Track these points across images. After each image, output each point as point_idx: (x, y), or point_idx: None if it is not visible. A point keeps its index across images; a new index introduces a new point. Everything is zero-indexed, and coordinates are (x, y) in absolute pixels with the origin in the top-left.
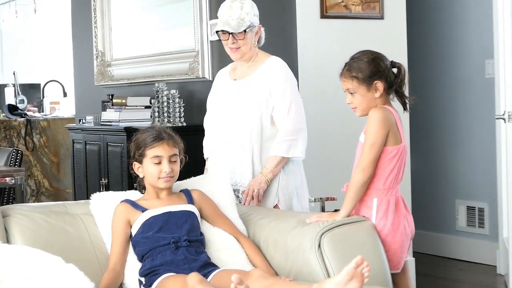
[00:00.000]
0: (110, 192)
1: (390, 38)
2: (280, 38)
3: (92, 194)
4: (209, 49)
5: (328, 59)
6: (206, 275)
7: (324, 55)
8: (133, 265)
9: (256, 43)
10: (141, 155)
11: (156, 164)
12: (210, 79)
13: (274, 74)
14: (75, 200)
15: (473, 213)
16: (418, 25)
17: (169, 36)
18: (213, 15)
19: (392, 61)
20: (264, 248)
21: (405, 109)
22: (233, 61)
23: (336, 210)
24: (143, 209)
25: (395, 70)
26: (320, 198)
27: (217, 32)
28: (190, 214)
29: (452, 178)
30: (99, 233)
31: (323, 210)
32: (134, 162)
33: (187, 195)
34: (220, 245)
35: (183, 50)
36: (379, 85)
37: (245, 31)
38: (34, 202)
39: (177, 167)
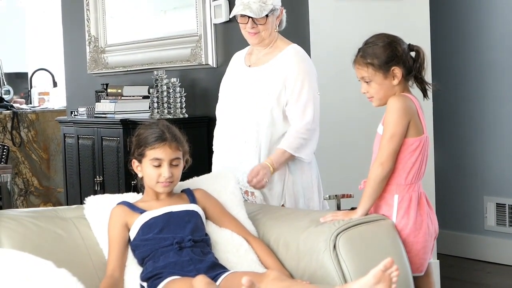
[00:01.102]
0: (106, 195)
1: (412, 19)
2: (289, 21)
3: (86, 198)
4: (212, 33)
5: (343, 44)
6: (214, 278)
7: (339, 39)
8: (133, 270)
9: (277, 27)
10: (141, 155)
11: (155, 167)
12: (214, 66)
13: (291, 66)
14: (67, 199)
15: (503, 210)
16: (442, 4)
17: (169, 19)
18: None
19: (409, 44)
20: (274, 250)
21: (425, 96)
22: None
23: (353, 208)
24: (142, 211)
25: (413, 54)
26: (336, 195)
27: (233, 15)
28: (193, 213)
29: (479, 172)
30: (93, 236)
31: (338, 208)
32: (134, 160)
33: (189, 194)
34: (229, 246)
35: (184, 34)
36: (397, 71)
37: (267, 15)
38: (22, 202)
39: (178, 171)
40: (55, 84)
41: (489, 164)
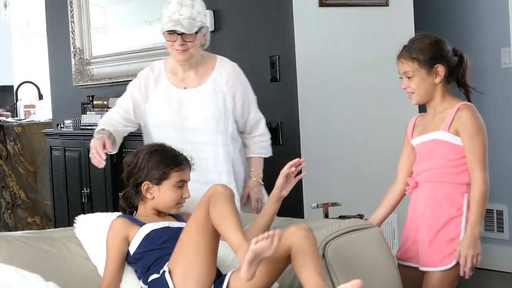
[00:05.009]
0: (96, 214)
1: (396, 27)
2: (274, 29)
3: (76, 217)
4: None
5: (328, 52)
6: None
7: (324, 47)
8: (128, 281)
9: (202, 46)
10: (163, 177)
11: (178, 188)
12: None
13: (235, 83)
14: (54, 212)
15: (491, 216)
16: (426, 11)
17: (154, 30)
18: None
19: (453, 48)
20: None
21: (469, 99)
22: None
23: (341, 217)
24: (142, 223)
25: (456, 58)
26: (323, 204)
27: (162, 32)
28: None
29: None
30: (81, 251)
31: (326, 216)
32: (147, 182)
33: (175, 215)
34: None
35: None
36: (441, 69)
37: (196, 32)
38: (9, 215)
39: None
40: (40, 97)
41: None
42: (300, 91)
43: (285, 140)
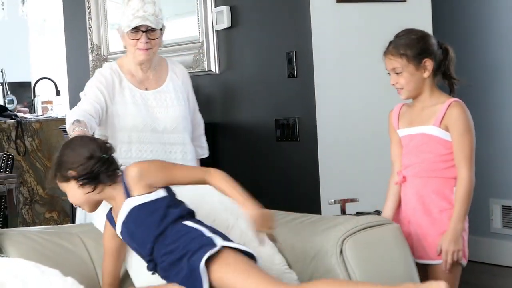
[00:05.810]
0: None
1: (414, 23)
2: (291, 25)
3: None
4: (215, 39)
5: (345, 48)
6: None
7: (341, 43)
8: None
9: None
10: None
11: None
12: (217, 72)
13: (187, 82)
14: (72, 207)
15: (509, 213)
16: (444, 7)
17: (171, 26)
18: (218, 2)
19: (438, 41)
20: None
21: (452, 92)
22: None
23: (358, 213)
24: (114, 223)
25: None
26: (341, 200)
27: (126, 30)
28: (151, 204)
29: (485, 174)
30: (99, 248)
31: (344, 212)
32: None
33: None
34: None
35: (186, 41)
36: (429, 63)
37: (161, 29)
38: (27, 211)
39: (69, 197)
40: (58, 93)
41: (494, 166)
42: (317, 87)
43: (302, 137)
